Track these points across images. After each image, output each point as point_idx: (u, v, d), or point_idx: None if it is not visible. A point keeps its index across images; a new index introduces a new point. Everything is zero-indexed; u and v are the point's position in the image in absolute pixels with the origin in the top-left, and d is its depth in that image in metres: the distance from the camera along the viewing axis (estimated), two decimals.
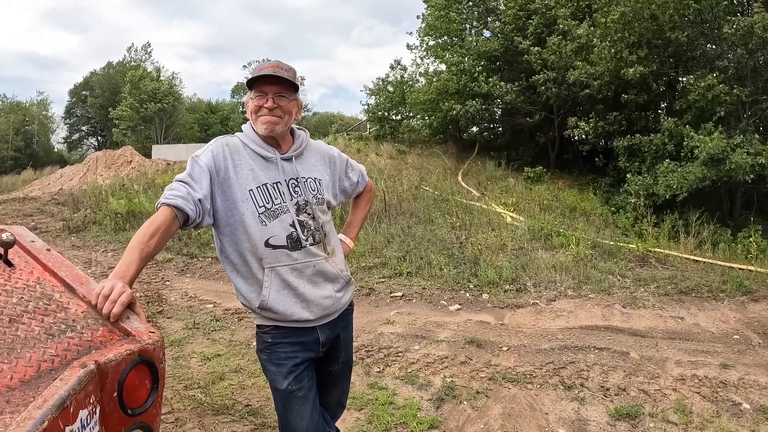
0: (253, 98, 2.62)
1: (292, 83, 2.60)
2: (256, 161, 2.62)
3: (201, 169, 2.49)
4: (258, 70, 2.59)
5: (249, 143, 2.64)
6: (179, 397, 4.86)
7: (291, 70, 2.62)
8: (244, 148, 2.63)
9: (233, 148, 2.62)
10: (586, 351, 5.78)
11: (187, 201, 2.36)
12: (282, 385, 2.63)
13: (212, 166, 2.51)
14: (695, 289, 7.59)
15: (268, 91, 2.58)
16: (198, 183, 2.45)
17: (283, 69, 2.58)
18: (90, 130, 69.15)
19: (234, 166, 2.56)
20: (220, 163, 2.54)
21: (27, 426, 1.34)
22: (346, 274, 2.84)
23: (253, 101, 2.62)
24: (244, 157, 2.60)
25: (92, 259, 10.62)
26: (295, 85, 2.62)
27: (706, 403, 4.66)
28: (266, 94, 2.58)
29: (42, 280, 2.14)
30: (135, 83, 50.94)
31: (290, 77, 2.58)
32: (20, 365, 1.68)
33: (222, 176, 2.53)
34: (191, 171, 2.49)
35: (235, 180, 2.54)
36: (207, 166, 2.50)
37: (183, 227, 2.44)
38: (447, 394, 4.86)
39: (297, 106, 2.69)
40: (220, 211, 2.54)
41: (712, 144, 12.94)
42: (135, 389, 1.83)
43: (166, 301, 7.89)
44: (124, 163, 27.83)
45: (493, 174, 20.11)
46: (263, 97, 2.58)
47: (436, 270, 8.70)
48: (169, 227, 2.32)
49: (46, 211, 16.77)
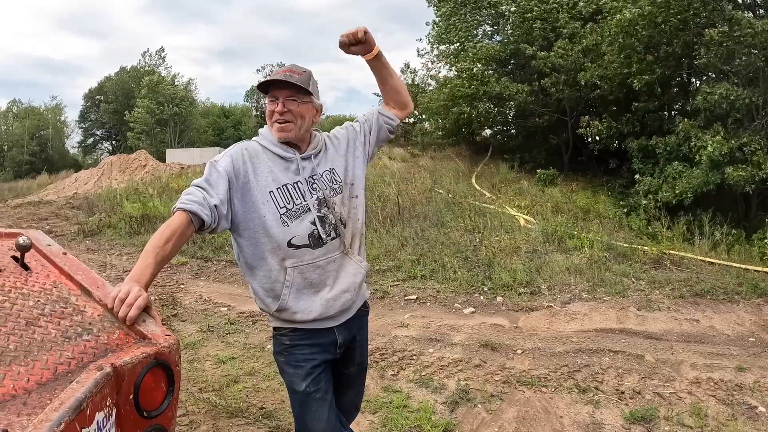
0: (267, 103, 2.65)
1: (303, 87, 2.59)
2: (276, 163, 2.62)
3: (219, 174, 2.50)
4: (273, 74, 2.60)
5: (268, 145, 2.65)
6: (194, 399, 4.88)
7: (305, 74, 2.61)
8: (264, 150, 2.64)
9: (252, 152, 2.62)
10: (601, 354, 5.75)
11: (202, 206, 2.37)
12: (300, 387, 2.63)
13: (231, 171, 2.51)
14: (710, 291, 7.53)
15: (279, 95, 2.58)
16: (215, 188, 2.46)
17: (295, 73, 2.58)
18: (104, 135, 69.68)
19: (254, 170, 2.57)
20: (239, 167, 2.54)
21: (44, 428, 1.35)
22: (365, 263, 2.84)
23: (268, 106, 2.64)
24: (263, 159, 2.61)
25: (107, 262, 10.67)
26: (307, 90, 2.61)
27: (721, 407, 4.63)
28: (277, 98, 2.59)
29: (58, 284, 2.16)
30: (152, 87, 51.26)
31: (301, 81, 2.57)
32: (37, 368, 1.70)
33: (242, 180, 2.53)
34: (209, 176, 2.50)
35: (255, 183, 2.55)
36: (225, 171, 2.50)
37: (198, 232, 2.45)
38: (461, 398, 4.84)
39: (312, 109, 2.67)
40: (240, 214, 2.54)
41: (711, 148, 12.88)
42: (151, 392, 1.84)
43: (181, 304, 7.92)
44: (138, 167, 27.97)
45: (507, 176, 20.07)
46: (275, 101, 2.59)
47: (450, 273, 8.68)
48: (185, 232, 2.34)
49: (61, 214, 16.89)
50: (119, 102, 61.26)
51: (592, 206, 15.64)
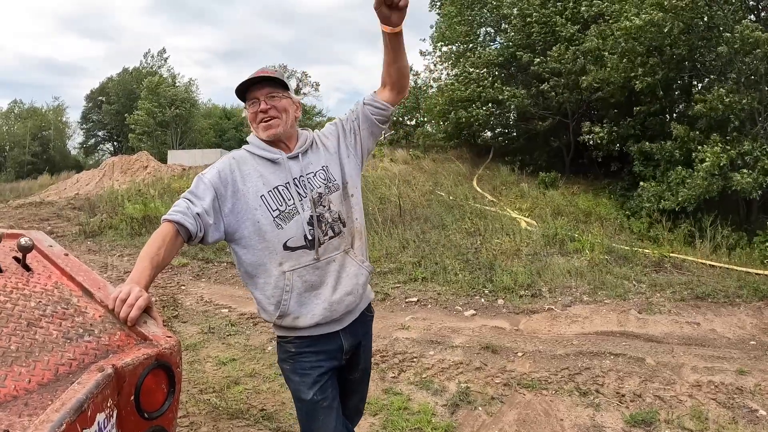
0: (248, 107, 2.66)
1: (279, 81, 2.62)
2: (265, 166, 2.63)
3: (205, 186, 2.54)
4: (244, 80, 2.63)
5: (255, 150, 2.66)
6: (194, 401, 4.88)
7: (277, 71, 2.65)
8: (252, 156, 2.66)
9: (240, 160, 2.65)
10: (602, 357, 5.75)
11: (186, 216, 2.41)
12: (307, 395, 2.61)
13: (217, 182, 2.55)
14: (711, 294, 7.52)
15: (259, 95, 2.60)
16: (200, 199, 2.50)
17: (267, 72, 2.62)
18: (106, 136, 69.65)
19: (242, 177, 2.59)
20: (226, 176, 2.57)
21: (45, 429, 1.36)
22: (367, 264, 2.81)
23: (249, 110, 2.65)
24: (252, 165, 2.63)
25: (108, 263, 10.68)
26: (284, 83, 2.64)
27: (722, 410, 4.63)
28: (258, 99, 2.60)
29: (60, 285, 2.16)
30: (152, 89, 51.29)
31: (277, 75, 2.61)
32: (38, 369, 1.70)
33: (230, 190, 2.56)
34: (195, 188, 2.55)
35: (245, 190, 2.56)
36: (211, 183, 2.54)
37: (188, 242, 2.49)
38: (462, 400, 4.85)
39: (293, 103, 2.70)
40: (233, 224, 2.56)
41: (708, 162, 12.85)
42: (152, 393, 1.84)
43: (182, 305, 7.93)
44: (139, 168, 27.95)
45: (508, 179, 20.05)
46: (256, 102, 2.61)
47: (451, 275, 8.68)
48: (173, 241, 2.38)
49: (62, 215, 16.91)
50: (121, 103, 61.25)
51: (593, 209, 15.62)
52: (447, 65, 27.48)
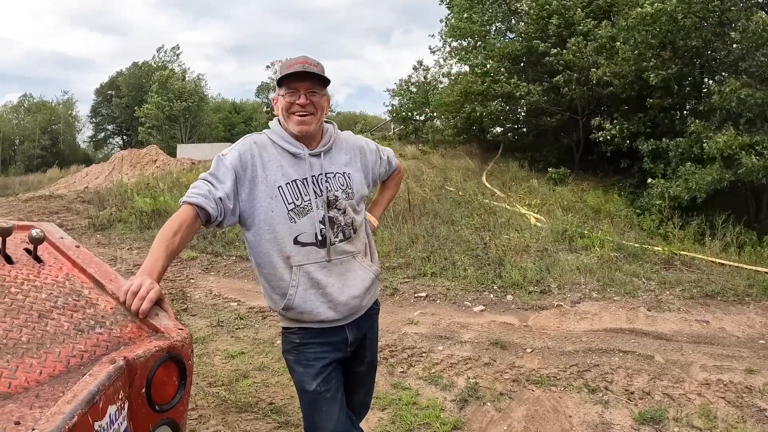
0: (283, 95, 2.56)
1: (322, 78, 2.56)
2: (285, 158, 2.59)
3: (226, 168, 2.48)
4: (287, 66, 2.54)
5: (277, 140, 2.61)
6: (203, 394, 4.89)
7: (319, 65, 2.58)
8: (273, 145, 2.60)
9: (261, 145, 2.59)
10: (611, 354, 5.73)
11: (208, 199, 2.37)
12: (310, 386, 2.59)
13: (238, 165, 2.49)
14: (721, 292, 7.49)
15: (300, 87, 2.52)
16: (221, 182, 2.45)
17: (311, 64, 2.54)
18: (115, 130, 69.94)
19: (262, 164, 2.54)
20: (247, 161, 2.51)
21: (56, 421, 1.36)
22: (376, 268, 2.80)
23: (284, 98, 2.56)
24: (272, 154, 2.58)
25: (118, 256, 10.71)
26: (326, 80, 2.58)
27: (730, 409, 4.61)
28: (298, 90, 2.52)
29: (71, 277, 2.16)
30: (162, 83, 51.41)
31: (320, 72, 2.55)
32: (49, 360, 1.70)
33: (249, 174, 2.51)
34: (216, 170, 2.49)
35: (263, 177, 2.52)
36: (232, 165, 2.48)
37: (206, 225, 2.44)
38: (470, 395, 4.84)
39: (327, 101, 2.65)
40: (247, 209, 2.52)
41: (722, 141, 12.85)
42: (163, 385, 1.84)
43: (191, 298, 7.94)
44: (149, 162, 28.01)
45: (517, 175, 20.00)
46: (295, 93, 2.53)
47: (460, 271, 8.67)
48: (192, 224, 2.34)
49: (72, 208, 16.95)
50: (131, 97, 61.41)
51: (602, 206, 15.57)
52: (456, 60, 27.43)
